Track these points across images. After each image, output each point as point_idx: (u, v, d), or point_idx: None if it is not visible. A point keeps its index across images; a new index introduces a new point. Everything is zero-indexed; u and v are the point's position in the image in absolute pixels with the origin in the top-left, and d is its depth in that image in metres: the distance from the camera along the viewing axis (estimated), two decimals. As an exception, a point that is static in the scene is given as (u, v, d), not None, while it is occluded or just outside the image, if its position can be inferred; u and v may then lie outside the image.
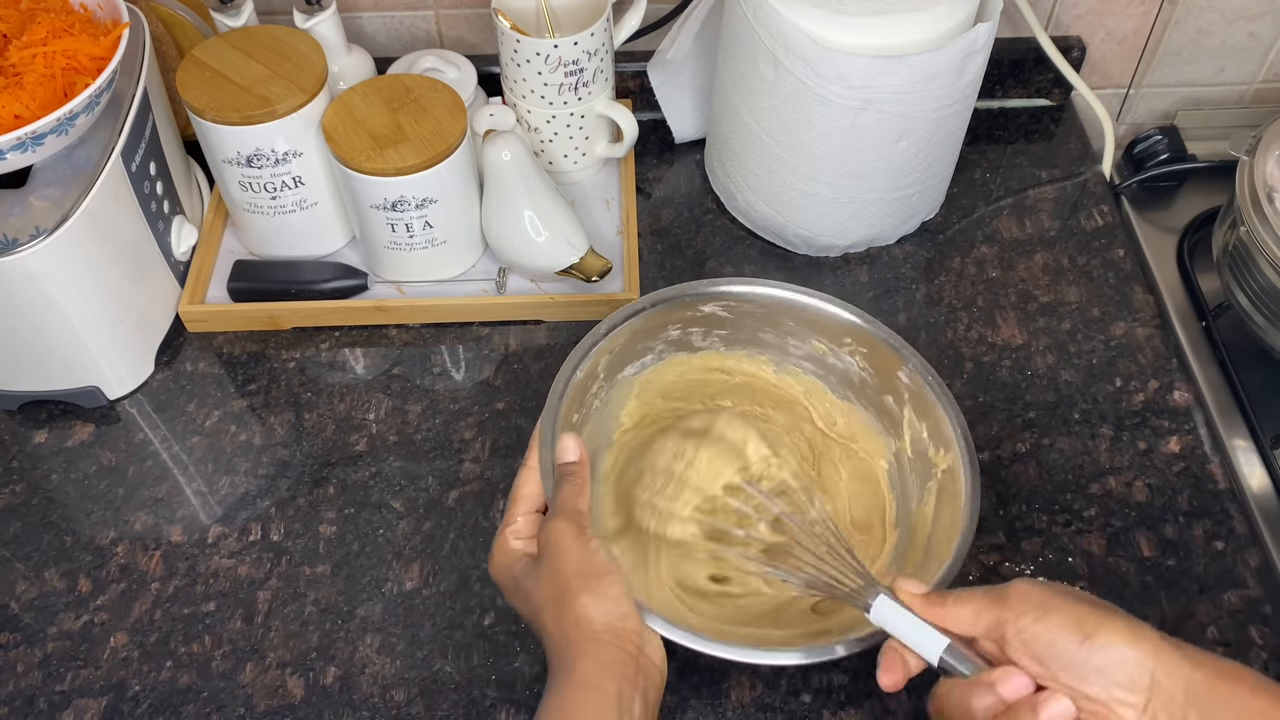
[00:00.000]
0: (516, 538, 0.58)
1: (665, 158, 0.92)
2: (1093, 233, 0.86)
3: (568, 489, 0.58)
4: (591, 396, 0.68)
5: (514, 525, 0.58)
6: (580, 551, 0.54)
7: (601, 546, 0.55)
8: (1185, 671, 0.47)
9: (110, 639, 0.66)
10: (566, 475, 0.59)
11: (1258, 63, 0.94)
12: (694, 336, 0.71)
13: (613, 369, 0.69)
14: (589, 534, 0.55)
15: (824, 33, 0.70)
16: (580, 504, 0.57)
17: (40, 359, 0.73)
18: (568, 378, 0.64)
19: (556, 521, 0.56)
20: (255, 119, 0.72)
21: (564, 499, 0.57)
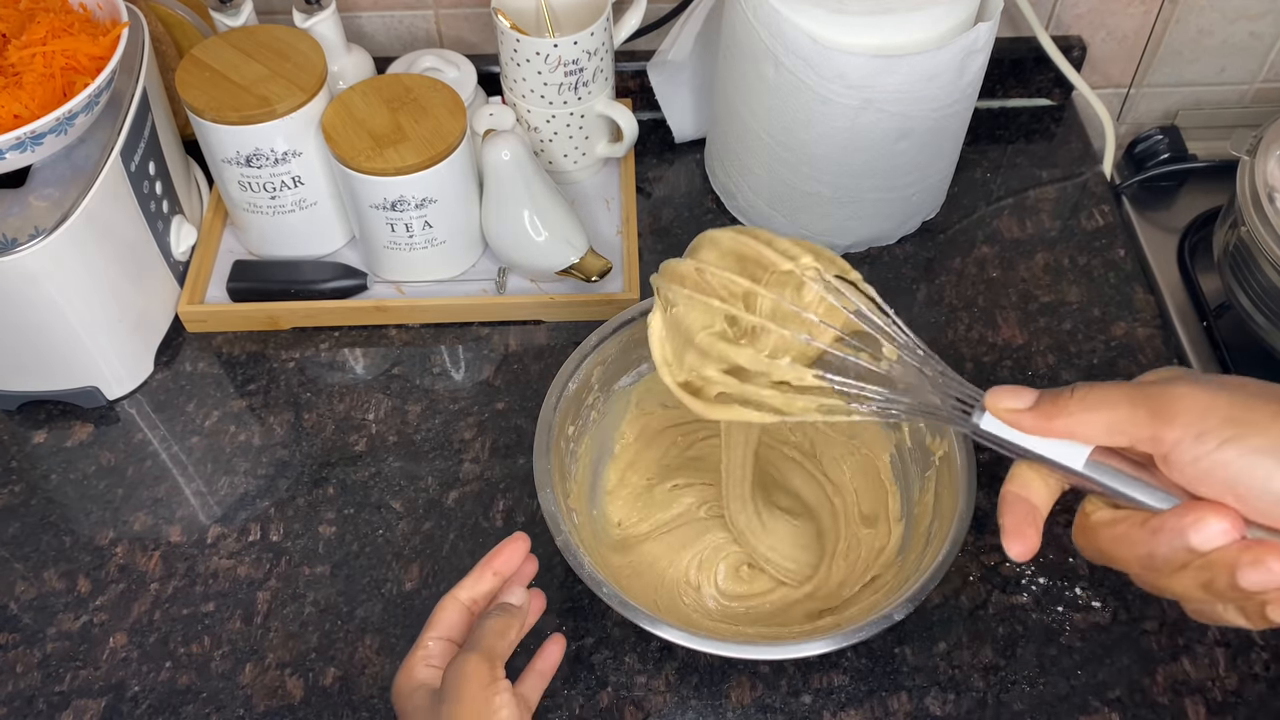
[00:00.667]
0: (427, 664, 0.53)
1: (665, 158, 0.92)
2: (1093, 233, 0.86)
3: (496, 623, 0.53)
4: (588, 408, 0.68)
5: (425, 649, 0.54)
6: (480, 703, 0.49)
7: (508, 700, 0.50)
8: None
9: (110, 639, 0.66)
10: (505, 611, 0.54)
11: (1258, 62, 0.94)
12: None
13: (608, 380, 0.69)
14: (500, 682, 0.50)
15: (824, 32, 0.70)
16: (503, 647, 0.52)
17: (40, 359, 0.73)
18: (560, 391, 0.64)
19: (470, 659, 0.50)
20: (255, 119, 0.72)
21: (488, 634, 0.52)
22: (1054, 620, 0.66)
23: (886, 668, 0.64)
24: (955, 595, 0.67)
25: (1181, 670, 0.64)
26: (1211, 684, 0.64)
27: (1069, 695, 0.63)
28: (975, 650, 0.65)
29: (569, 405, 0.65)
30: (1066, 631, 0.66)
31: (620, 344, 0.68)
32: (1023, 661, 0.64)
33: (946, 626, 0.66)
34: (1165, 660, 0.64)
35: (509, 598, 0.55)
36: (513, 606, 0.55)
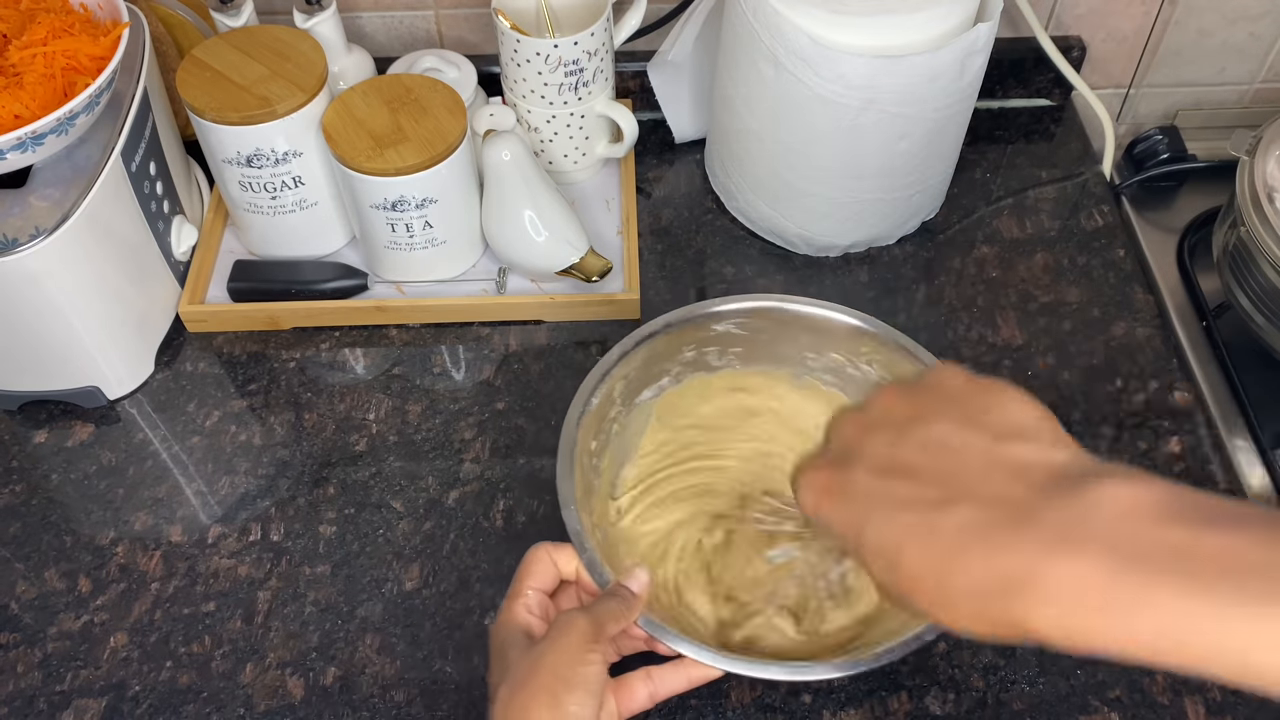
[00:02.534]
0: (528, 611, 0.56)
1: (665, 158, 0.92)
2: (1093, 233, 0.86)
3: (614, 606, 0.55)
4: (610, 421, 0.67)
5: (525, 597, 0.56)
6: (575, 656, 0.51)
7: (600, 670, 0.51)
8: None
9: (110, 639, 0.66)
10: (621, 596, 0.55)
11: (1258, 63, 0.94)
12: (710, 356, 0.70)
13: (629, 393, 0.68)
14: (597, 649, 0.52)
15: (824, 33, 0.70)
16: (613, 627, 0.54)
17: (40, 359, 0.73)
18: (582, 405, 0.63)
19: (579, 618, 0.53)
20: (255, 119, 0.72)
21: (604, 611, 0.54)
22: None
23: (886, 667, 0.64)
24: (955, 595, 0.67)
25: (1181, 670, 0.64)
26: (1211, 684, 0.64)
27: (1069, 695, 0.63)
28: (975, 650, 0.65)
29: (591, 421, 0.64)
30: (1066, 631, 0.65)
31: (643, 358, 0.67)
32: (1023, 661, 0.64)
33: (946, 626, 0.66)
34: (1165, 660, 0.64)
35: (630, 583, 0.56)
36: (631, 595, 0.56)
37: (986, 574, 0.37)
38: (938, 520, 0.39)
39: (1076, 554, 0.35)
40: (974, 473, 0.40)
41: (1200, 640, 0.33)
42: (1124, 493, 0.36)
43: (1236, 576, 0.33)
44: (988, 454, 0.40)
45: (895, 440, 0.43)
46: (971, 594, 0.37)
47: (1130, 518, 0.35)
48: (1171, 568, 0.34)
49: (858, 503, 0.42)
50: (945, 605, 0.38)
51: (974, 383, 0.44)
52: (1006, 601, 0.36)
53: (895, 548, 0.40)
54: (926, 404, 0.43)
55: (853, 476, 0.43)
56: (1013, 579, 0.36)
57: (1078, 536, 0.35)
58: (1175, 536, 0.34)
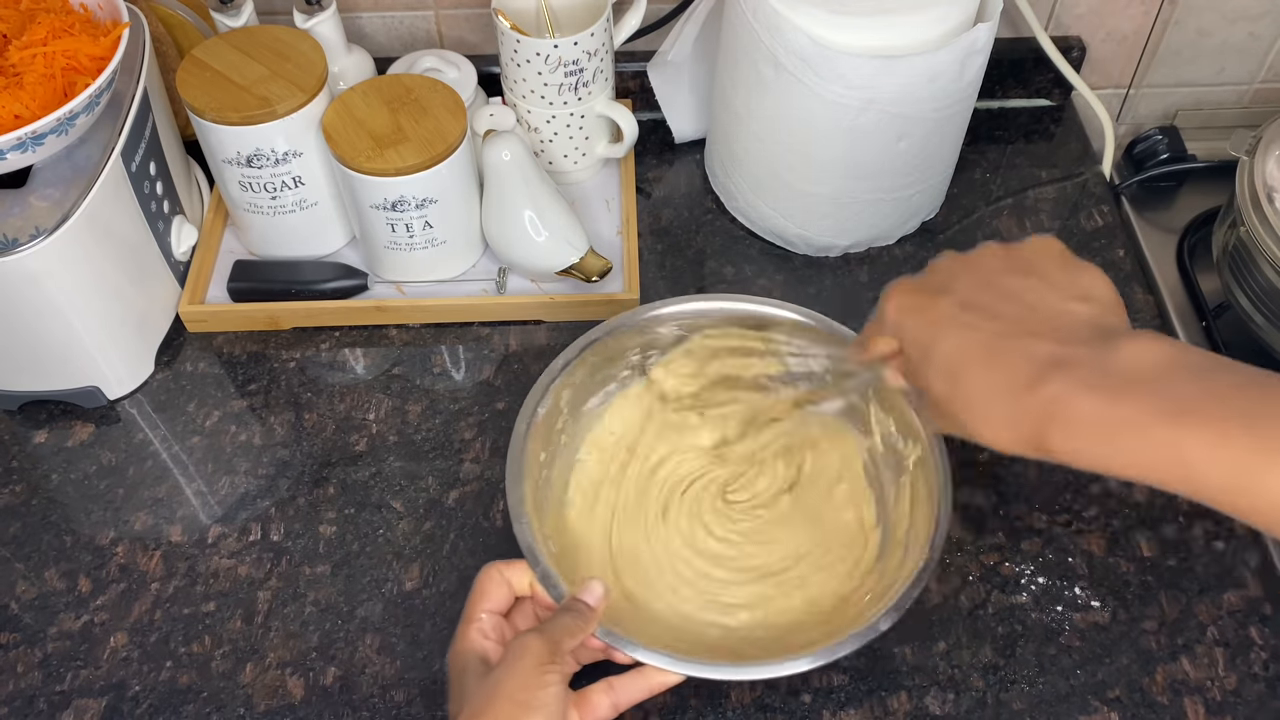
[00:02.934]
0: (483, 635, 0.56)
1: (665, 158, 0.92)
2: (1093, 233, 0.86)
3: (569, 622, 0.55)
4: (558, 432, 0.67)
5: (479, 621, 0.57)
6: (532, 680, 0.52)
7: (558, 691, 0.52)
8: None
9: (110, 639, 0.66)
10: (576, 610, 0.56)
11: (1258, 63, 0.94)
12: (653, 358, 0.71)
13: (576, 402, 0.68)
14: (554, 670, 0.53)
15: (824, 33, 0.70)
16: (569, 643, 0.55)
17: (40, 359, 0.73)
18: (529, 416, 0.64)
19: (534, 640, 0.53)
20: (255, 119, 0.72)
21: (559, 628, 0.55)
22: (1053, 620, 0.66)
23: (886, 667, 0.64)
24: (955, 595, 0.67)
25: (1181, 670, 0.64)
26: (1211, 684, 0.64)
27: (1069, 695, 0.63)
28: (975, 650, 0.65)
29: (539, 431, 0.64)
30: (1066, 631, 0.66)
31: (588, 366, 0.67)
32: (1022, 661, 0.65)
33: (946, 626, 0.66)
34: (1164, 660, 0.64)
35: (585, 596, 0.57)
36: (587, 608, 0.57)
37: (1028, 402, 0.44)
38: (1002, 345, 0.47)
39: (1096, 394, 0.43)
40: (1042, 318, 0.48)
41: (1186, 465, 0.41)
42: (1144, 347, 0.44)
43: (1241, 418, 0.41)
44: (1057, 308, 0.48)
45: (986, 284, 0.50)
46: (1012, 408, 0.45)
47: (1144, 366, 0.43)
48: (1169, 405, 0.42)
49: (938, 321, 0.49)
50: (988, 418, 0.46)
51: (1065, 255, 0.51)
52: (1038, 419, 0.44)
53: (961, 362, 0.48)
54: (1021, 262, 0.51)
55: (939, 302, 0.50)
56: (1046, 409, 0.44)
57: (1105, 378, 0.43)
58: (1176, 382, 0.42)
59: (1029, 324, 0.47)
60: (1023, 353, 0.46)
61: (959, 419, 0.48)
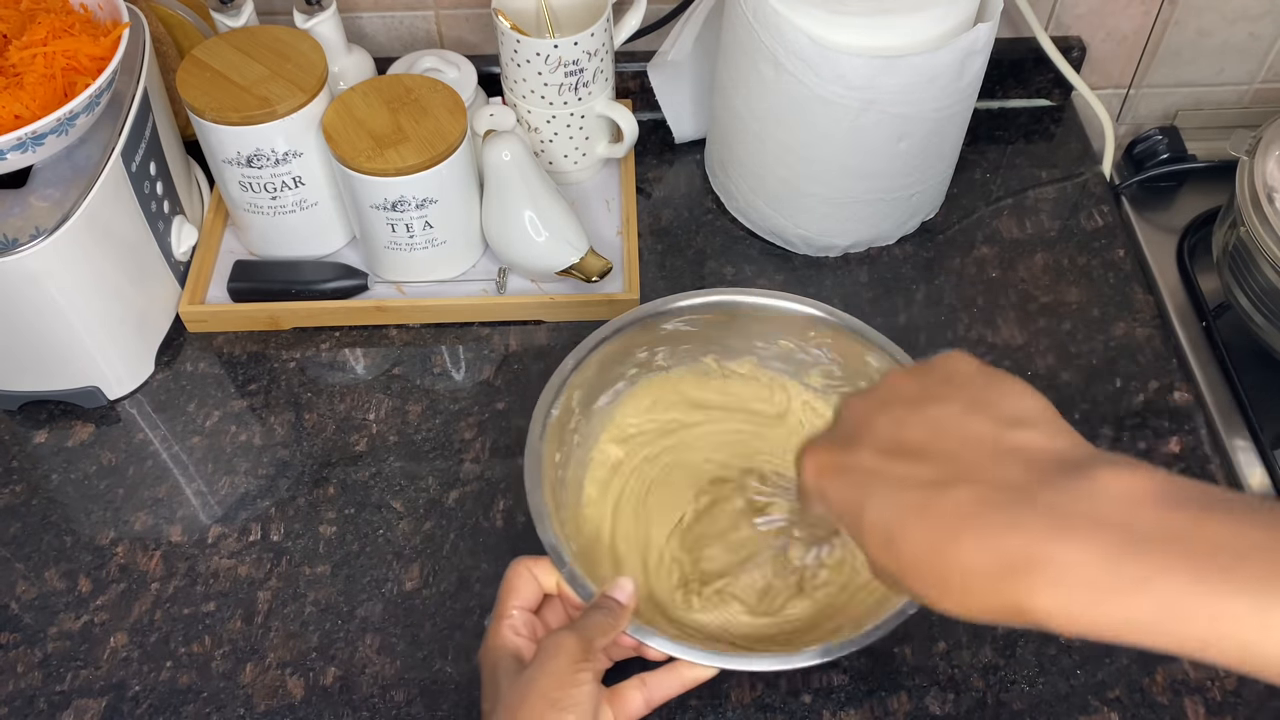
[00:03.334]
0: (515, 632, 0.56)
1: (665, 158, 0.92)
2: (1093, 233, 0.86)
3: (601, 619, 0.55)
4: (571, 432, 0.67)
5: (510, 618, 0.56)
6: (566, 678, 0.51)
7: (591, 689, 0.52)
8: None
9: (110, 639, 0.66)
10: (607, 608, 0.56)
11: (1258, 63, 0.94)
12: (659, 356, 0.71)
13: (587, 401, 0.68)
14: (587, 668, 0.52)
15: (824, 33, 0.70)
16: (601, 641, 0.54)
17: (40, 359, 0.73)
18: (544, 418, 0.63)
19: (567, 637, 0.53)
20: (255, 119, 0.72)
21: (592, 626, 0.54)
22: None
23: (886, 667, 0.64)
24: (955, 595, 0.67)
25: (1181, 670, 0.64)
26: (1211, 684, 0.64)
27: (1069, 695, 0.63)
28: (975, 650, 0.65)
29: (554, 433, 0.64)
30: (1066, 631, 0.66)
31: (598, 364, 0.67)
32: (1022, 661, 0.65)
33: (946, 626, 0.66)
34: (1165, 660, 0.64)
35: (616, 594, 0.57)
36: (618, 605, 0.56)
37: (986, 555, 0.37)
38: (938, 499, 0.39)
39: (1076, 537, 0.35)
40: (977, 455, 0.40)
41: (1199, 623, 0.33)
42: (1124, 479, 0.36)
43: (1235, 559, 0.33)
44: (992, 438, 0.41)
45: (901, 421, 0.43)
46: (970, 575, 0.37)
47: (1130, 502, 0.36)
48: (1171, 550, 0.34)
49: (861, 481, 0.42)
50: (943, 587, 0.39)
51: (983, 370, 0.45)
52: (1006, 584, 0.36)
53: (896, 526, 0.40)
54: (934, 387, 0.44)
55: (857, 455, 0.43)
56: (1012, 561, 0.36)
57: (1077, 520, 0.36)
58: (1174, 520, 0.35)
59: (967, 462, 0.40)
60: (969, 498, 0.38)
61: (910, 587, 0.40)
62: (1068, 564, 0.35)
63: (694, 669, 0.57)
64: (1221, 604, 0.33)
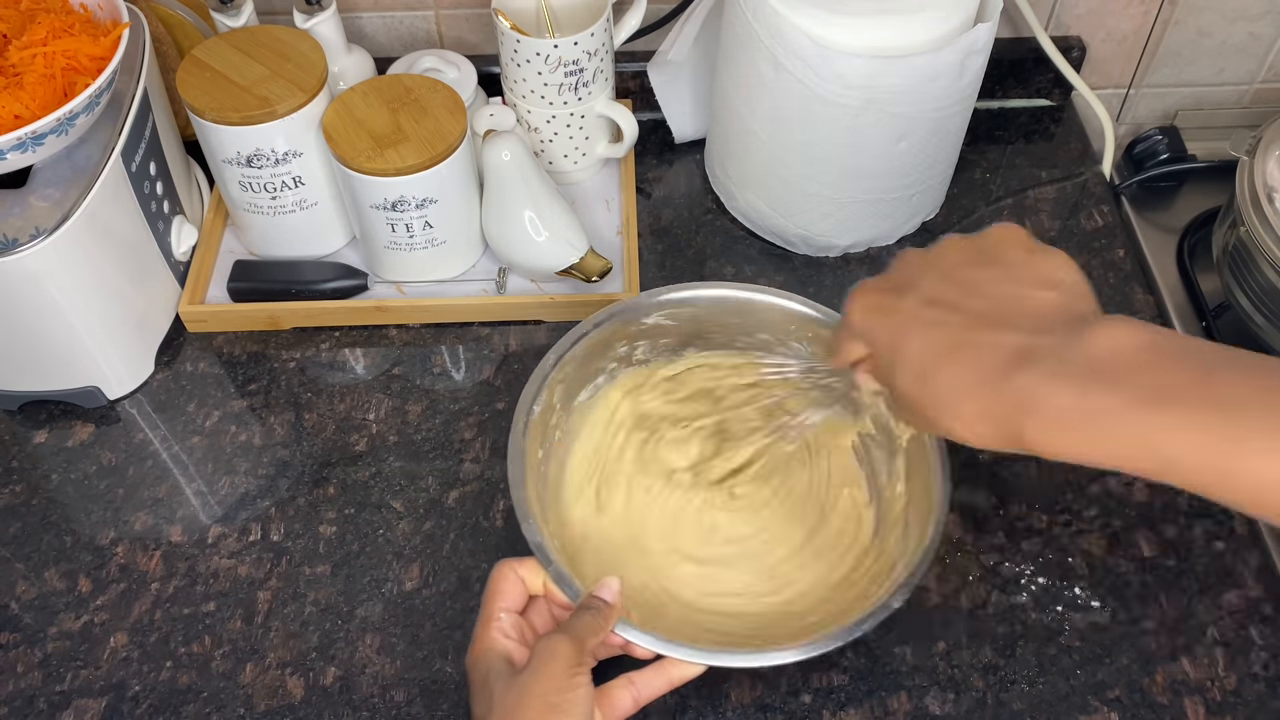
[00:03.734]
0: (503, 635, 0.56)
1: (665, 158, 0.92)
2: (1093, 233, 0.86)
3: (591, 620, 0.55)
4: (552, 429, 0.67)
5: (498, 620, 0.56)
6: (563, 682, 0.52)
7: (588, 691, 0.53)
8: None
9: (110, 639, 0.66)
10: (595, 608, 0.56)
11: (1258, 63, 0.94)
12: (639, 350, 0.71)
13: (568, 397, 0.68)
14: (582, 670, 0.53)
15: (824, 33, 0.70)
16: (593, 642, 0.55)
17: (40, 359, 0.73)
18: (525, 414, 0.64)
19: (561, 641, 0.53)
20: (255, 119, 0.72)
21: (583, 627, 0.55)
22: (1053, 620, 0.66)
23: (886, 667, 0.64)
24: (955, 595, 0.67)
25: (1181, 670, 0.64)
26: (1211, 684, 0.64)
27: (1068, 695, 0.63)
28: (975, 650, 0.65)
29: (536, 429, 0.64)
30: (1066, 631, 0.66)
31: (578, 360, 0.67)
32: (1022, 661, 0.65)
33: (946, 626, 0.66)
34: (1164, 660, 0.64)
35: (603, 593, 0.57)
36: (605, 605, 0.56)
37: (999, 395, 0.44)
38: (966, 345, 0.46)
39: (1069, 381, 0.42)
40: (1005, 310, 0.47)
41: (1161, 454, 0.40)
42: (1118, 333, 0.43)
43: (1219, 402, 0.40)
44: (1021, 297, 0.48)
45: (947, 277, 0.50)
46: (984, 412, 0.45)
47: (1123, 353, 0.42)
48: (1143, 393, 0.41)
49: (903, 322, 0.49)
50: (960, 416, 0.46)
51: (1029, 242, 0.51)
52: (1008, 414, 0.44)
53: (930, 363, 0.47)
54: (982, 255, 0.50)
55: (904, 301, 0.50)
56: (1016, 395, 0.43)
57: (1071, 368, 0.43)
58: (1151, 368, 0.42)
59: (995, 315, 0.47)
60: (990, 345, 0.45)
61: (931, 417, 0.47)
62: (1054, 404, 0.42)
63: (681, 667, 0.57)
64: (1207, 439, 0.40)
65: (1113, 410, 0.41)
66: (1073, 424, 0.42)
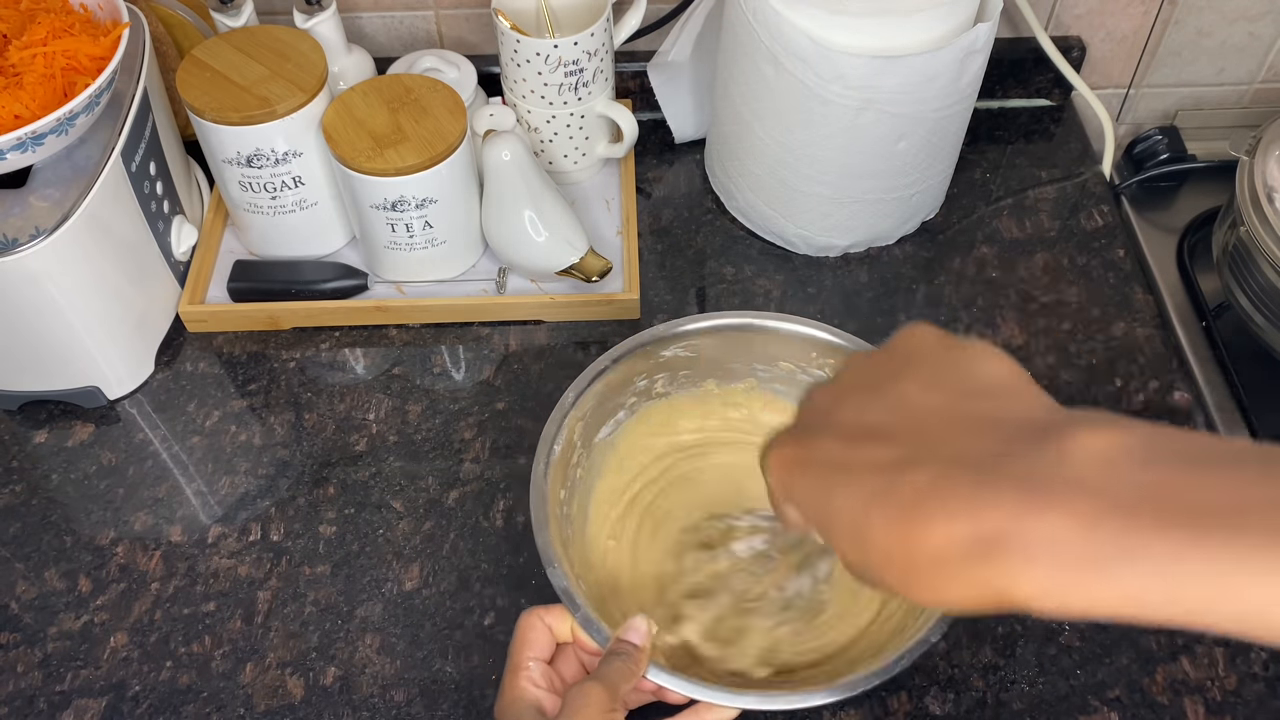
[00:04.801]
0: (533, 683, 0.54)
1: (665, 158, 0.92)
2: (1093, 233, 0.86)
3: (621, 666, 0.53)
4: (574, 467, 0.66)
5: (527, 669, 0.55)
6: None
7: None
8: None
9: (110, 639, 0.66)
10: (625, 653, 0.54)
11: (1258, 63, 0.94)
12: (659, 383, 0.70)
13: (588, 434, 0.67)
14: (618, 713, 0.52)
15: (824, 33, 0.70)
16: (625, 688, 0.53)
17: (40, 359, 0.73)
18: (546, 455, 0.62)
19: (594, 688, 0.52)
20: (255, 119, 0.72)
21: (614, 673, 0.53)
22: (1053, 620, 0.66)
23: (886, 667, 0.64)
24: (955, 595, 0.67)
25: (1181, 670, 0.64)
26: (1211, 684, 0.64)
27: (1069, 695, 0.63)
28: (975, 650, 0.65)
29: (558, 469, 0.63)
30: (1066, 631, 0.66)
31: (597, 396, 0.66)
32: (1022, 661, 0.65)
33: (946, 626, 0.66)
34: (1164, 660, 0.65)
35: (631, 636, 0.55)
36: (635, 649, 0.55)
37: (954, 538, 0.33)
38: (900, 482, 0.36)
39: (1050, 507, 0.32)
40: (940, 431, 0.37)
41: (1194, 590, 0.30)
42: (1101, 436, 0.33)
43: (1229, 516, 0.30)
44: (954, 411, 0.37)
45: (863, 405, 0.40)
46: (941, 561, 0.34)
47: (1109, 462, 0.32)
48: (1156, 511, 0.31)
49: (825, 472, 0.39)
50: (916, 577, 0.35)
51: (945, 341, 0.41)
52: (980, 568, 0.33)
53: (860, 516, 0.36)
54: (896, 366, 0.41)
55: (821, 445, 0.40)
56: (983, 541, 0.33)
57: (1052, 487, 0.32)
58: (1160, 479, 0.32)
59: (930, 440, 0.37)
60: (930, 479, 0.35)
61: (885, 585, 0.37)
62: (1044, 539, 0.32)
63: (716, 710, 0.55)
64: (1216, 567, 0.30)
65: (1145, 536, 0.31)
66: (1081, 560, 0.31)
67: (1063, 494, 0.32)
